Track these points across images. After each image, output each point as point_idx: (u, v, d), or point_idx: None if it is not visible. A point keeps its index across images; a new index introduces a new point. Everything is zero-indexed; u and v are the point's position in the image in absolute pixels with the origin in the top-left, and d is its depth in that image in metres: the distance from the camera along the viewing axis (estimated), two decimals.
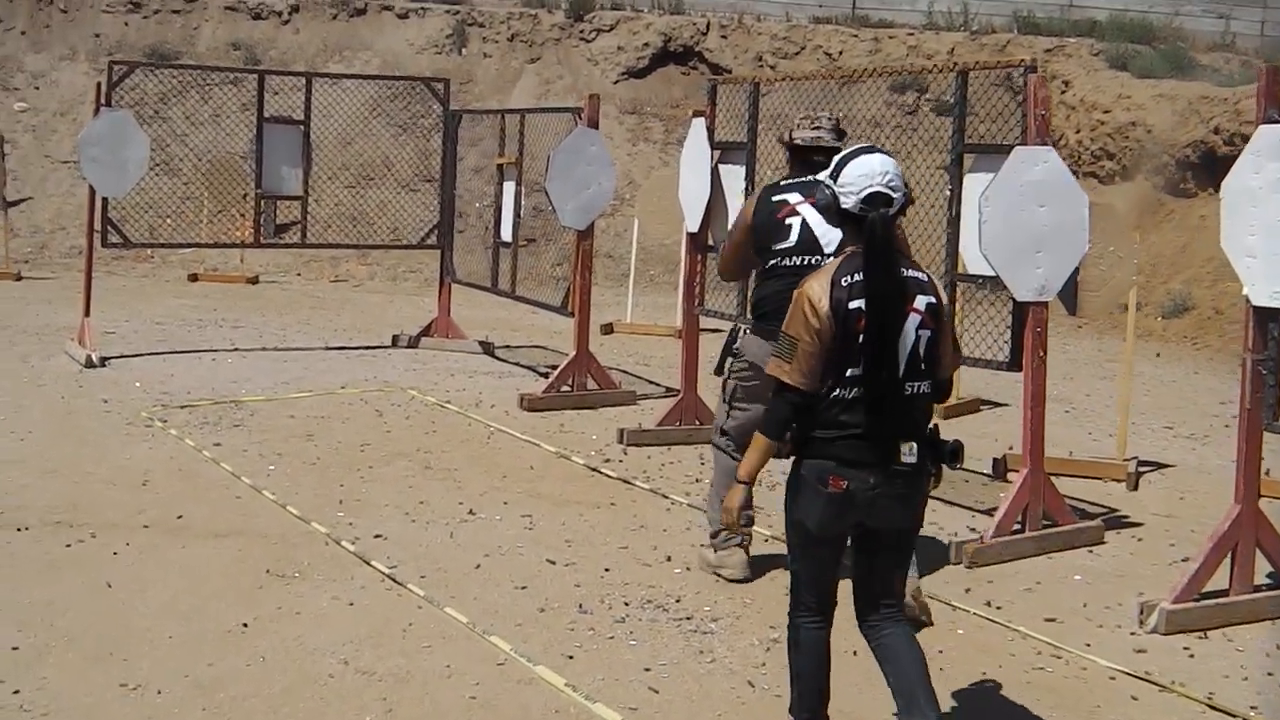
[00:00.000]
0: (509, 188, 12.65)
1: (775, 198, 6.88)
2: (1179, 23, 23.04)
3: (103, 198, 12.44)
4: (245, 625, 5.99)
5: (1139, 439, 10.42)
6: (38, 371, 11.52)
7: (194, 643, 5.78)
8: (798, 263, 6.64)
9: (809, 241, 6.69)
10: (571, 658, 5.79)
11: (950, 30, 22.75)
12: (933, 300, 4.61)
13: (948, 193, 8.04)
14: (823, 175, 4.73)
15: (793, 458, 4.67)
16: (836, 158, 4.73)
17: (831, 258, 5.82)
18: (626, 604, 6.47)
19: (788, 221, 6.77)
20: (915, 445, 4.55)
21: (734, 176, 9.49)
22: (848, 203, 4.58)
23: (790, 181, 6.93)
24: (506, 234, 12.69)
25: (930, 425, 4.67)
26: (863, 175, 4.57)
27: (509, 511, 7.95)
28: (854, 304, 4.47)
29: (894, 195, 4.57)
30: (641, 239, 16.90)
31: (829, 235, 6.47)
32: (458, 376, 12.17)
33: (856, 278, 4.50)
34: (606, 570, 6.93)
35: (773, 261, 6.81)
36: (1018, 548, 7.48)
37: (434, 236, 13.99)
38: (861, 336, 4.47)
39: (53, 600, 6.21)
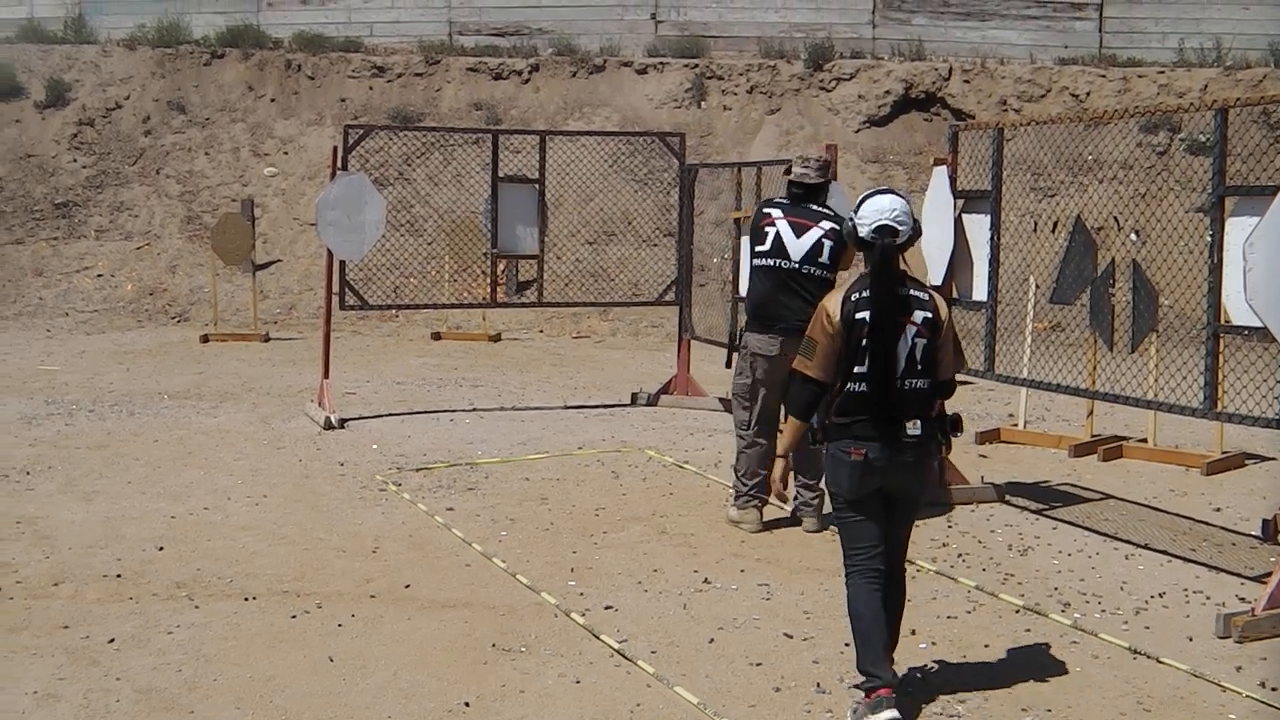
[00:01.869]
0: (746, 242, 12.36)
1: (764, 210, 8.66)
2: None
3: (340, 260, 12.48)
4: (467, 704, 5.75)
5: None
6: (278, 434, 11.59)
7: None
8: (770, 264, 8.46)
9: (780, 248, 8.41)
10: None
11: (1203, 67, 21.80)
12: (929, 315, 5.64)
13: (1208, 238, 7.54)
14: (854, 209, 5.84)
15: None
16: (860, 197, 5.83)
17: (798, 263, 8.34)
18: None
19: (766, 229, 8.50)
20: (919, 421, 5.58)
21: (978, 226, 9.05)
22: (863, 231, 5.69)
23: (779, 200, 8.64)
24: (745, 290, 12.37)
25: (935, 410, 5.70)
26: (875, 210, 5.69)
27: (745, 580, 7.60)
28: (859, 315, 5.56)
29: (900, 228, 5.66)
30: None
31: (797, 246, 8.38)
32: (696, 435, 11.89)
33: (864, 294, 5.60)
34: (847, 645, 6.46)
35: (755, 262, 8.58)
36: None
37: (672, 293, 13.80)
38: (865, 341, 5.54)
39: (273, 675, 6.06)
